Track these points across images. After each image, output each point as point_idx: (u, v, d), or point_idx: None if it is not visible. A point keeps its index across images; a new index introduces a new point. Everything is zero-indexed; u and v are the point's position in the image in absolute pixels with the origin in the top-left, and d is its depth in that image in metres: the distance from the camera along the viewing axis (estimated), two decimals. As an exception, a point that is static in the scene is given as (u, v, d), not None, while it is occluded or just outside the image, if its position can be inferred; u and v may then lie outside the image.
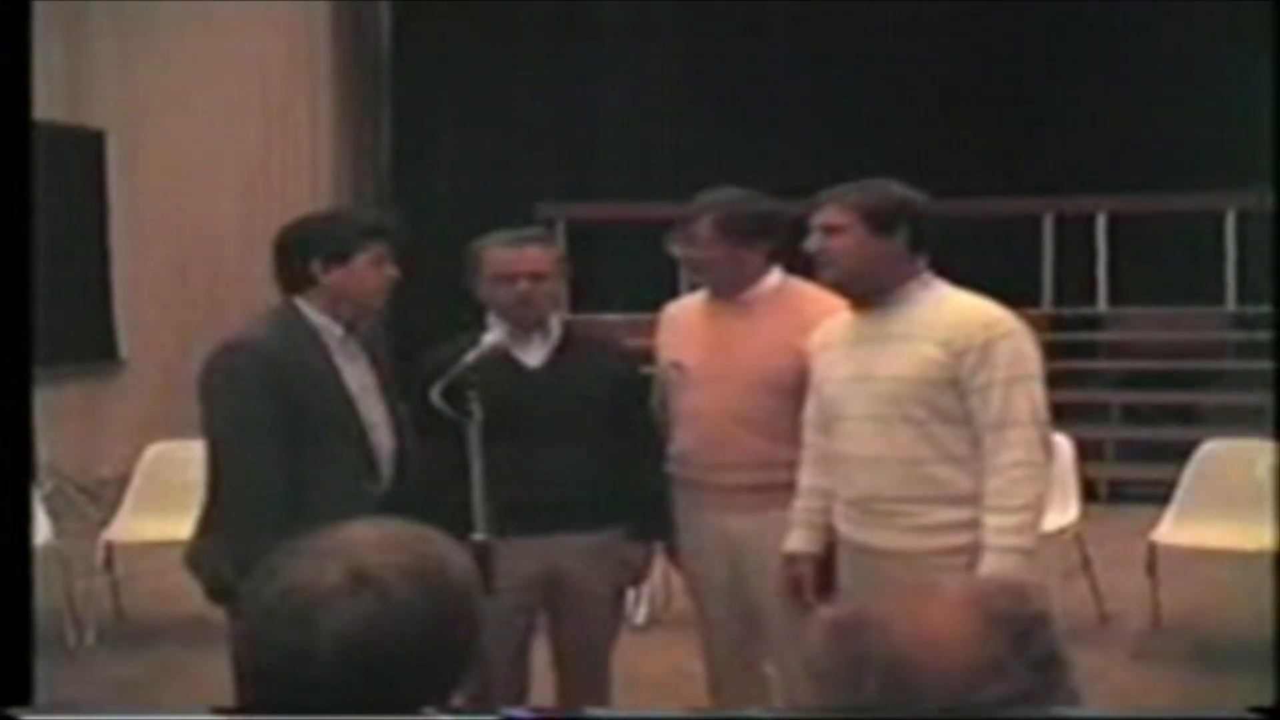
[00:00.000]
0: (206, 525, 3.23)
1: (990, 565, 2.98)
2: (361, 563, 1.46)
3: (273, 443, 3.08)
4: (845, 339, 3.26)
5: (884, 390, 3.13)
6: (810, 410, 3.35)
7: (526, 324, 3.44)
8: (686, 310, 3.68)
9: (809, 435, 3.35)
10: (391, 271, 3.26)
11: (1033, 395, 3.08)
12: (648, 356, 3.72)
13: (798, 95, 10.38)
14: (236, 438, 3.12)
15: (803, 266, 3.34)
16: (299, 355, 3.17)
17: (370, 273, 3.22)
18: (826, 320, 3.33)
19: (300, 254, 3.22)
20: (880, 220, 3.15)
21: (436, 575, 1.49)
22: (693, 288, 3.77)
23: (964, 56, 10.26)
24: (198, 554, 3.20)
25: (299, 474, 3.08)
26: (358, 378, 3.27)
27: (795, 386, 3.37)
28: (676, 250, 3.54)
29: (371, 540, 1.50)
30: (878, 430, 3.14)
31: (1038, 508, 3.08)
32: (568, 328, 3.58)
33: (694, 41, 10.94)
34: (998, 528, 3.02)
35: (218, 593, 3.11)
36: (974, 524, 3.06)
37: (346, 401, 3.21)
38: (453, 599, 1.49)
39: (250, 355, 3.16)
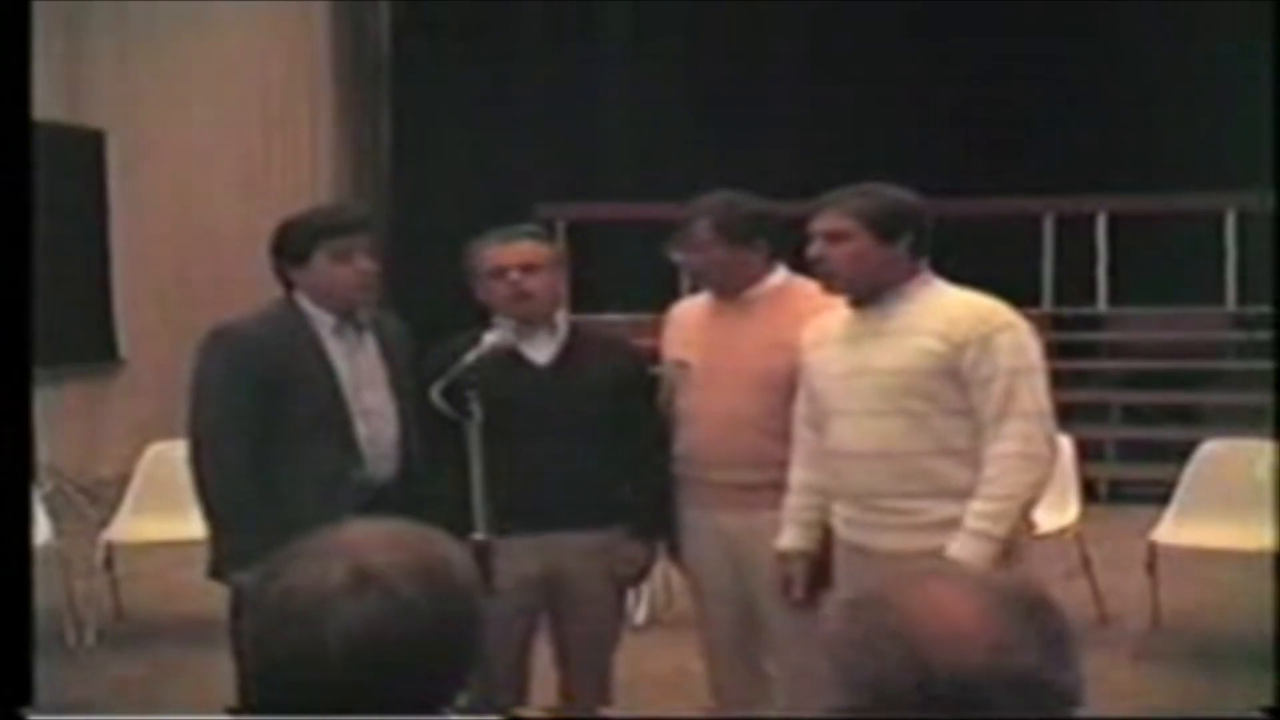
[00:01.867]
0: None
1: (959, 544, 2.99)
2: (366, 562, 1.45)
3: (246, 425, 3.16)
4: (840, 336, 3.25)
5: (880, 383, 3.13)
6: (802, 406, 3.34)
7: (528, 318, 3.43)
8: (692, 309, 3.68)
9: (801, 431, 3.34)
10: (363, 265, 3.28)
11: (1035, 387, 3.09)
12: (650, 356, 3.72)
13: (797, 96, 10.38)
14: (210, 421, 3.21)
15: (805, 266, 3.33)
16: (283, 339, 3.24)
17: (334, 269, 3.25)
18: (822, 316, 3.33)
19: (274, 256, 3.33)
20: (885, 227, 3.14)
21: (441, 574, 1.49)
22: (693, 288, 3.77)
23: (964, 57, 10.26)
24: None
25: (272, 453, 3.16)
26: (356, 366, 3.31)
27: (795, 385, 3.36)
28: (676, 256, 3.54)
29: (375, 540, 1.50)
30: (873, 424, 3.13)
31: (1024, 499, 3.07)
32: (575, 326, 3.58)
33: (693, 43, 10.94)
34: (977, 512, 3.02)
35: (211, 573, 3.26)
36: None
37: (331, 387, 3.25)
38: (457, 598, 1.49)
39: (230, 338, 3.26)
